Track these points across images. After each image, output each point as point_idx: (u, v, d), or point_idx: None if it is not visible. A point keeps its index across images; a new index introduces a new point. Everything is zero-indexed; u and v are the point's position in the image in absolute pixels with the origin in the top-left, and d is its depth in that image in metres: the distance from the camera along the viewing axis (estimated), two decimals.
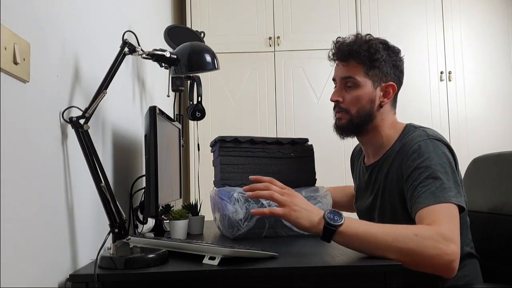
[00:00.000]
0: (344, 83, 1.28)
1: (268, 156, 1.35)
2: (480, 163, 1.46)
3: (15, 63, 0.74)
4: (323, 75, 2.89)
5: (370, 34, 1.29)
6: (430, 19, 2.95)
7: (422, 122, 1.32)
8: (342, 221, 0.97)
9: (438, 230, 0.97)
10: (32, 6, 0.83)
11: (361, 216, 1.37)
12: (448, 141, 1.20)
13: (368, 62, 1.23)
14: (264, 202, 1.24)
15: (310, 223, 0.99)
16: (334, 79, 1.33)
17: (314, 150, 1.42)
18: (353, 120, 1.27)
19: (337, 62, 1.30)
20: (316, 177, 1.42)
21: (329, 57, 1.32)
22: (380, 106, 1.26)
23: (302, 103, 2.89)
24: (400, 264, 0.90)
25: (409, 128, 1.24)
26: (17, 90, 0.76)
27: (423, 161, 1.11)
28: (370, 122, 1.26)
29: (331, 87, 1.34)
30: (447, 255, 0.95)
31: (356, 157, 1.52)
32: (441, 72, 2.92)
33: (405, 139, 1.21)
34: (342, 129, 1.31)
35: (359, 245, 0.98)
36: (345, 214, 1.01)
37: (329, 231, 0.96)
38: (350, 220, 0.99)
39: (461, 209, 1.06)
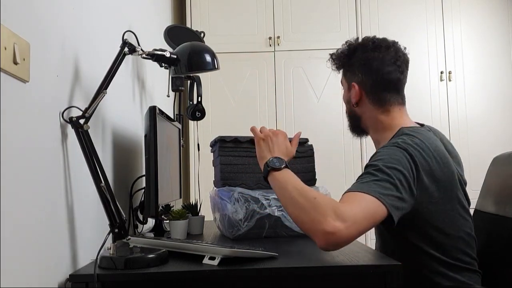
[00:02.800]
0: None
1: None
2: (500, 161, 1.38)
3: (15, 63, 0.74)
4: (323, 75, 2.89)
5: (367, 37, 1.31)
6: (430, 19, 2.95)
7: (422, 122, 1.32)
8: (278, 166, 1.09)
9: (336, 206, 0.94)
10: (32, 6, 0.83)
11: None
12: (420, 146, 1.11)
13: (343, 66, 1.33)
14: (264, 202, 1.24)
15: (260, 158, 1.17)
16: None
17: (314, 150, 1.42)
18: (349, 121, 1.35)
19: None
20: (316, 177, 1.42)
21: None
22: (355, 105, 1.28)
23: (302, 103, 2.89)
24: (400, 264, 0.90)
25: (398, 133, 1.19)
26: (17, 90, 0.76)
27: (373, 160, 1.09)
28: (359, 121, 1.30)
29: (331, 87, 1.36)
30: (325, 226, 0.91)
31: None
32: (441, 72, 2.92)
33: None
34: (350, 129, 1.38)
35: (278, 190, 1.08)
36: None
37: (265, 170, 1.11)
38: (287, 171, 1.10)
39: (391, 213, 0.98)
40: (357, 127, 1.32)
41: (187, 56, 1.16)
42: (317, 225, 0.93)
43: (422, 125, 1.29)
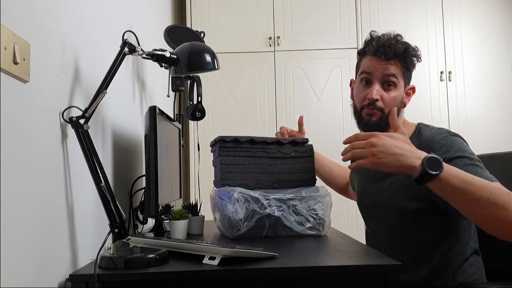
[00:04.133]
0: (384, 81, 1.26)
1: (268, 156, 1.35)
2: None
3: (15, 63, 0.74)
4: (323, 75, 2.89)
5: (400, 35, 1.30)
6: (430, 19, 2.95)
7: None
8: (440, 171, 0.96)
9: None
10: (32, 6, 0.83)
11: (372, 214, 1.38)
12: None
13: (407, 65, 1.27)
14: (264, 202, 1.24)
15: (399, 168, 1.00)
16: (367, 73, 1.28)
17: (314, 150, 1.42)
18: (383, 118, 1.26)
19: (374, 56, 1.27)
20: (316, 177, 1.42)
21: (364, 48, 1.31)
22: (404, 106, 1.31)
23: (302, 103, 2.89)
24: (400, 264, 0.90)
25: (423, 128, 1.27)
26: (17, 90, 0.76)
27: (457, 151, 1.13)
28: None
29: (331, 87, 1.35)
30: None
31: None
32: (441, 72, 2.92)
33: (423, 137, 1.22)
34: (372, 126, 1.26)
35: (453, 195, 0.99)
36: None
37: (425, 179, 0.98)
38: (448, 168, 0.98)
39: None
40: (386, 124, 1.23)
41: (187, 56, 1.16)
42: None
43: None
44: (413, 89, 1.33)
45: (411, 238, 1.24)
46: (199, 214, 1.49)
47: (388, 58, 1.25)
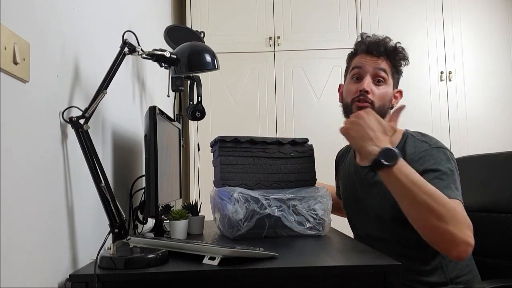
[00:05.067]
0: (375, 75, 1.29)
1: (268, 156, 1.35)
2: (462, 164, 1.49)
3: (15, 63, 0.74)
4: (323, 75, 2.89)
5: (389, 37, 1.33)
6: (430, 19, 2.95)
7: (422, 122, 1.35)
8: (391, 164, 1.02)
9: (467, 218, 1.04)
10: (32, 6, 0.83)
11: (355, 212, 1.40)
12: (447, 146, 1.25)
13: (396, 66, 1.31)
14: (264, 202, 1.24)
15: (360, 149, 1.09)
16: (358, 67, 1.31)
17: (314, 150, 1.42)
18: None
19: (366, 54, 1.31)
20: (316, 177, 1.42)
21: (355, 48, 1.35)
22: (391, 107, 1.32)
23: (302, 103, 2.89)
24: (400, 264, 0.90)
25: (409, 138, 1.26)
26: (17, 90, 0.76)
27: (432, 164, 1.14)
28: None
29: (331, 87, 1.36)
30: (468, 238, 1.00)
31: (340, 160, 1.57)
32: (441, 72, 2.92)
33: (407, 150, 1.22)
34: None
35: (398, 191, 1.04)
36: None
37: (376, 166, 1.04)
38: (401, 166, 1.03)
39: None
40: None
41: (187, 56, 1.16)
42: (459, 236, 1.00)
43: None
44: (401, 93, 1.36)
45: (398, 238, 1.24)
46: (199, 214, 1.49)
47: (379, 54, 1.29)
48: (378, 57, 1.29)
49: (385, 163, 1.03)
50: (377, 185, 1.25)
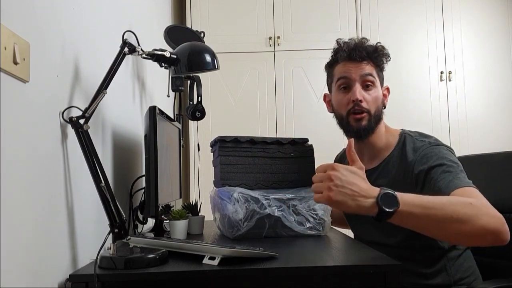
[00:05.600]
0: (363, 81, 1.26)
1: (268, 156, 1.35)
2: (462, 164, 1.49)
3: (15, 63, 0.74)
4: (323, 75, 2.87)
5: (366, 38, 1.32)
6: (430, 19, 2.95)
7: (422, 122, 1.34)
8: (397, 207, 0.91)
9: (486, 202, 0.99)
10: (32, 6, 0.83)
11: (356, 220, 1.39)
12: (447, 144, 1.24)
13: (380, 65, 1.30)
14: (264, 202, 1.24)
15: (356, 209, 0.92)
16: (344, 77, 1.28)
17: (314, 150, 1.42)
18: (371, 121, 1.26)
19: (348, 61, 1.28)
20: None
21: (335, 56, 1.32)
22: (384, 107, 1.31)
23: (302, 103, 2.89)
24: (400, 264, 0.90)
25: (407, 138, 1.26)
26: (17, 90, 0.76)
27: (435, 160, 1.14)
28: (379, 123, 1.28)
29: None
30: (499, 220, 0.96)
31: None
32: (441, 72, 2.92)
33: (406, 150, 1.22)
34: (364, 131, 1.26)
35: (417, 223, 0.95)
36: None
37: (384, 217, 0.92)
38: (405, 199, 0.92)
39: None
40: (374, 128, 1.26)
41: (187, 56, 1.16)
42: (491, 224, 0.94)
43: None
44: (388, 89, 1.34)
45: (401, 244, 1.23)
46: (199, 214, 1.49)
47: (362, 59, 1.26)
48: (361, 62, 1.26)
49: (391, 210, 0.91)
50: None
